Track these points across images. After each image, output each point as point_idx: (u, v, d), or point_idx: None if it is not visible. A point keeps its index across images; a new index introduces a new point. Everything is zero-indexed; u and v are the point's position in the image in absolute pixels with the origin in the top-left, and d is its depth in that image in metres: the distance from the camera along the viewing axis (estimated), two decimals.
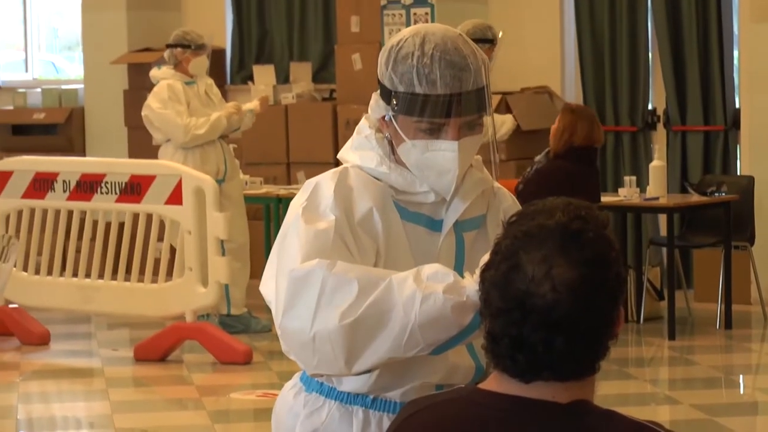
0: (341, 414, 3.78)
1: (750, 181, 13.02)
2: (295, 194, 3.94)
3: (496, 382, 2.95)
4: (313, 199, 3.71)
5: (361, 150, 3.80)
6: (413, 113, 3.67)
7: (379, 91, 3.78)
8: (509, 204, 3.91)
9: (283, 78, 15.67)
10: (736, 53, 13.91)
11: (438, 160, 3.70)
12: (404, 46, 3.67)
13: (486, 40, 12.33)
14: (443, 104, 3.64)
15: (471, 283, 3.41)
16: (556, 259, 2.81)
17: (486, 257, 3.03)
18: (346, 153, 3.84)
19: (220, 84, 14.24)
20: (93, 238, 12.09)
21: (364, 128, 3.84)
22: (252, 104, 12.89)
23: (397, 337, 3.45)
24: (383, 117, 3.76)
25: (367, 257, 3.66)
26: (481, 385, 3.01)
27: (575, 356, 2.86)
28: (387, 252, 3.72)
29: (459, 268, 3.74)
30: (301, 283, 3.54)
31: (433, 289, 3.42)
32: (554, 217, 2.86)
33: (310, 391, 3.84)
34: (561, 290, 2.79)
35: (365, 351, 3.49)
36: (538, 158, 11.40)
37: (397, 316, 3.44)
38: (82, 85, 16.62)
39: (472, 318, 3.45)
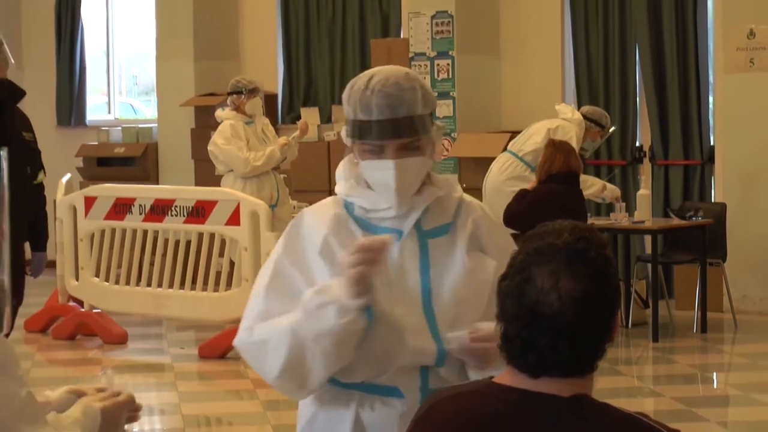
0: (341, 397, 3.77)
1: (723, 207, 12.98)
2: None
3: (509, 377, 2.96)
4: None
5: (338, 180, 3.86)
6: (357, 136, 3.73)
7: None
8: (479, 214, 3.89)
9: (326, 118, 15.64)
10: (711, 99, 13.87)
11: (381, 178, 3.72)
12: (357, 83, 3.75)
13: (599, 123, 12.36)
14: (377, 128, 3.69)
15: (340, 288, 3.50)
16: (562, 273, 2.83)
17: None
18: None
19: (273, 123, 14.20)
20: (164, 254, 12.14)
21: (345, 162, 3.87)
22: (295, 133, 12.90)
23: (322, 359, 3.58)
24: (350, 146, 3.81)
25: (335, 277, 3.64)
26: (496, 379, 2.99)
27: (577, 357, 2.88)
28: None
29: (424, 269, 3.77)
30: (242, 353, 3.86)
31: (315, 313, 3.54)
32: (562, 238, 2.88)
33: None
34: (566, 300, 2.81)
35: (309, 378, 3.65)
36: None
37: (312, 349, 3.57)
38: (156, 125, 16.62)
39: (358, 315, 3.52)
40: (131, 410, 3.15)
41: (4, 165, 2.97)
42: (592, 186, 12.19)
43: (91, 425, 3.00)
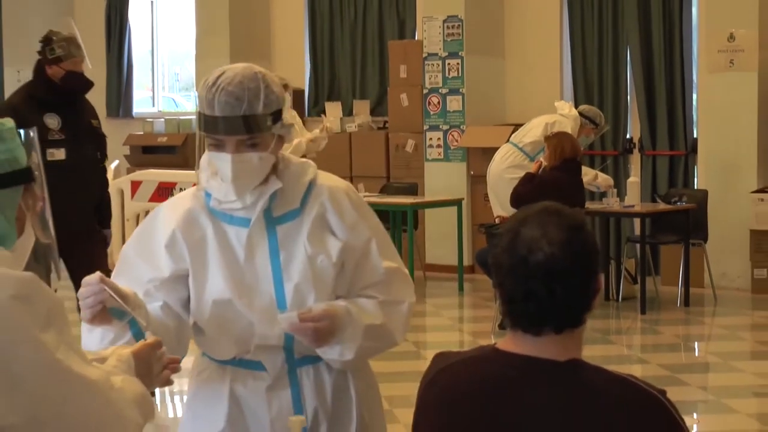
0: (217, 372, 3.77)
1: (704, 193, 12.96)
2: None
3: (512, 342, 2.95)
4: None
5: (199, 172, 3.76)
6: (202, 129, 3.66)
7: None
8: (326, 197, 3.75)
9: (347, 111, 15.64)
10: (694, 96, 13.84)
11: (222, 170, 3.64)
12: (208, 79, 3.64)
13: (593, 121, 12.35)
14: (216, 123, 3.61)
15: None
16: (547, 225, 2.87)
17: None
18: None
19: (300, 116, 14.20)
20: None
21: (206, 154, 3.78)
22: (322, 133, 12.86)
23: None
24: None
25: (176, 272, 3.66)
26: (500, 345, 2.98)
27: (569, 304, 2.88)
28: (198, 257, 3.68)
29: (274, 254, 3.69)
30: None
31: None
32: (540, 206, 2.96)
33: (202, 355, 3.87)
34: (555, 245, 2.84)
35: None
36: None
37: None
38: (195, 117, 16.60)
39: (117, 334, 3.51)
40: (170, 361, 3.17)
41: (36, 141, 2.99)
42: (585, 175, 12.15)
43: (126, 368, 3.02)
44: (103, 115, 17.48)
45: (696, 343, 11.40)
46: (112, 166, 13.77)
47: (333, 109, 15.46)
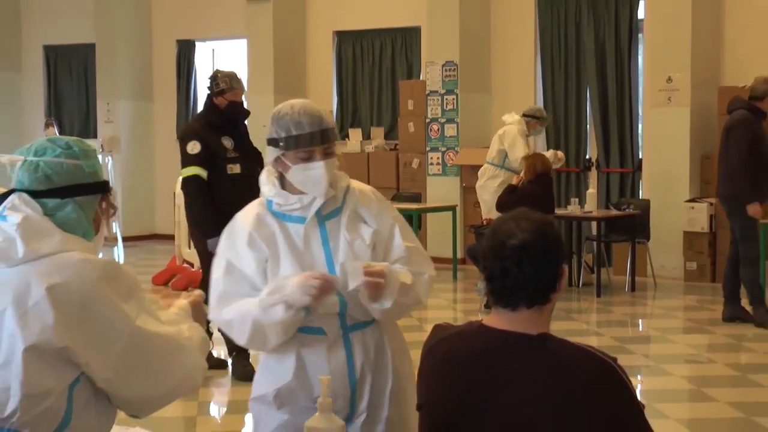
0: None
1: (647, 202, 12.99)
2: None
3: (495, 319, 2.99)
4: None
5: (262, 186, 3.89)
6: (292, 147, 3.73)
7: (268, 145, 3.83)
8: (357, 197, 3.89)
9: (366, 136, 15.66)
10: (640, 125, 13.83)
11: (314, 176, 3.74)
12: (281, 110, 3.78)
13: (534, 116, 12.42)
14: (308, 138, 3.73)
15: (290, 289, 3.59)
16: (521, 220, 2.96)
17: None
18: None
19: None
20: None
21: (265, 171, 3.91)
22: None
23: (276, 336, 3.69)
24: (275, 159, 3.81)
25: (259, 261, 3.77)
26: (485, 321, 3.02)
27: (538, 282, 2.92)
28: (272, 247, 3.77)
29: (324, 243, 3.80)
30: (217, 326, 4.03)
31: (269, 308, 3.65)
32: (517, 210, 3.06)
33: None
34: (526, 231, 2.92)
35: (268, 345, 3.76)
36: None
37: (267, 331, 3.68)
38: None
39: (299, 311, 3.61)
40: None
41: (111, 163, 3.13)
42: (546, 154, 12.40)
43: (186, 315, 3.16)
44: (173, 138, 17.56)
45: (640, 320, 11.38)
46: (180, 178, 13.73)
47: (355, 134, 15.47)
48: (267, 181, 3.86)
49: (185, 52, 17.69)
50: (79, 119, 18.52)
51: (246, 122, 8.57)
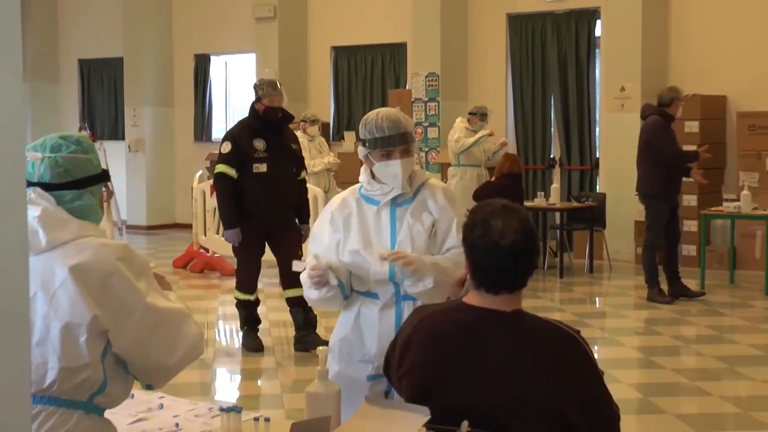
0: (355, 299, 4.03)
1: (604, 196, 13.00)
2: None
3: (475, 298, 2.99)
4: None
5: (361, 175, 4.08)
6: (376, 147, 3.95)
7: (360, 144, 4.04)
8: (429, 190, 4.04)
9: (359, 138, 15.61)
10: (597, 128, 13.84)
11: (392, 171, 3.94)
12: (369, 117, 3.99)
13: (473, 113, 12.50)
14: (388, 140, 3.93)
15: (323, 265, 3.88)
16: (509, 219, 2.94)
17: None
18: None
19: (327, 141, 14.20)
20: None
21: (363, 166, 4.09)
22: (335, 160, 12.91)
23: (329, 303, 4.03)
24: (364, 156, 4.01)
25: (332, 236, 4.00)
26: (465, 299, 3.02)
27: (522, 272, 2.95)
28: (347, 224, 4.00)
29: (392, 224, 3.98)
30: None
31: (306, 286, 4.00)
32: (501, 203, 3.02)
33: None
34: (518, 233, 2.91)
35: (331, 306, 4.10)
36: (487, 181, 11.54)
37: (320, 300, 4.02)
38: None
39: (329, 290, 3.92)
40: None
41: (105, 153, 3.18)
42: (496, 152, 12.60)
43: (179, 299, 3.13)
44: (191, 139, 17.60)
45: (597, 298, 11.40)
46: (197, 174, 13.73)
47: (350, 136, 15.42)
48: (363, 171, 4.06)
49: (201, 65, 17.68)
50: (109, 123, 18.54)
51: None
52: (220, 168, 8.01)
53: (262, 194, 7.88)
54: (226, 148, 8.01)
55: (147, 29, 17.51)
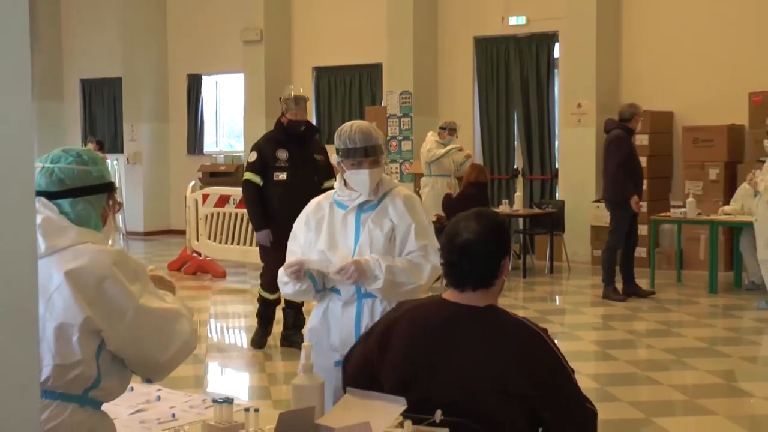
0: (324, 293, 4.11)
1: (563, 203, 13.02)
2: None
3: (450, 295, 3.03)
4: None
5: (336, 182, 4.16)
6: (348, 156, 3.99)
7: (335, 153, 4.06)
8: (391, 198, 4.06)
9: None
10: (556, 141, 13.88)
11: (361, 179, 3.99)
12: (343, 128, 4.00)
13: (443, 128, 12.47)
14: (358, 151, 3.96)
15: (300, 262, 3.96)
16: (472, 222, 2.97)
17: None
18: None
19: None
20: (246, 226, 12.03)
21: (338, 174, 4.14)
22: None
23: (303, 296, 4.11)
24: (338, 163, 4.05)
25: (306, 236, 4.09)
26: (444, 296, 3.06)
27: (481, 272, 2.96)
28: (318, 226, 4.06)
29: (357, 228, 4.02)
30: None
31: (282, 282, 4.11)
32: (476, 210, 3.08)
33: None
34: (471, 235, 2.95)
35: (304, 298, 4.31)
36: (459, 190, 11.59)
37: (296, 294, 4.12)
38: (243, 153, 16.56)
39: (303, 283, 4.01)
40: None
41: (116, 166, 3.12)
42: (462, 163, 12.54)
43: (177, 299, 3.09)
44: (184, 153, 17.54)
45: (557, 296, 11.41)
46: (190, 184, 13.69)
47: (330, 149, 15.36)
48: (338, 178, 4.11)
49: (194, 84, 17.63)
50: (109, 138, 18.45)
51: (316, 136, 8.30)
52: (247, 175, 7.96)
53: (281, 200, 7.80)
54: (252, 157, 7.94)
55: (144, 51, 17.47)
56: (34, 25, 17.64)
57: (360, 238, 3.98)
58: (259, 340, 8.20)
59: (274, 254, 8.04)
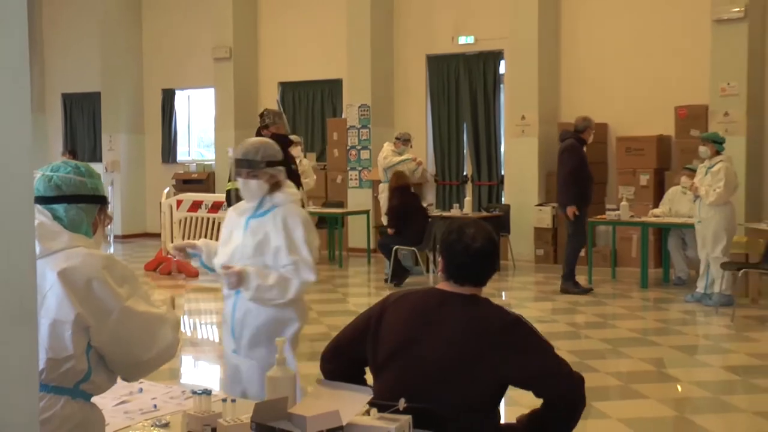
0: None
1: (508, 206, 13.07)
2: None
3: (444, 285, 3.16)
4: None
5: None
6: (235, 168, 4.12)
7: None
8: (277, 209, 4.09)
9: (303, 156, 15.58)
10: (503, 150, 13.93)
11: (243, 189, 4.09)
12: (240, 143, 4.14)
13: (398, 138, 12.47)
14: (237, 163, 4.07)
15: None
16: (478, 229, 3.14)
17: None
18: None
19: None
20: (218, 229, 11.94)
21: None
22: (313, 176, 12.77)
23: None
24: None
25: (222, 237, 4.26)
26: (438, 286, 3.19)
27: (487, 272, 3.13)
28: (227, 228, 4.23)
29: (246, 233, 4.09)
30: None
31: None
32: (470, 219, 3.35)
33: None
34: (485, 240, 3.11)
35: None
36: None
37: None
38: (214, 162, 16.48)
39: (194, 260, 4.27)
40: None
41: (112, 185, 3.13)
42: (414, 171, 12.56)
43: (167, 306, 3.12)
44: (159, 162, 17.42)
45: (503, 292, 11.43)
46: (165, 191, 13.60)
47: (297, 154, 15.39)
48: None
49: (168, 98, 17.52)
50: (89, 148, 18.32)
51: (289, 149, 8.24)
52: (230, 185, 7.94)
53: None
54: None
55: (121, 67, 17.33)
56: None
57: (243, 243, 4.08)
58: None
59: None
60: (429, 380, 2.97)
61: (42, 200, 2.79)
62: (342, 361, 3.27)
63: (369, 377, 3.35)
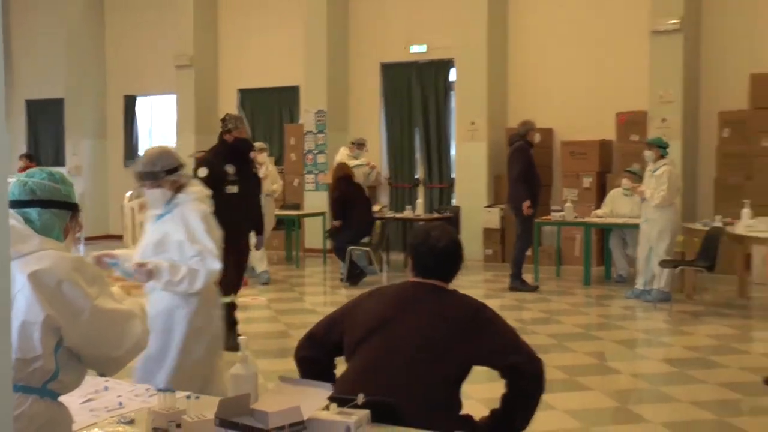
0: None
1: (458, 208, 13.14)
2: None
3: (414, 278, 3.33)
4: None
5: None
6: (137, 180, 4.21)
7: None
8: (178, 209, 4.20)
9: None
10: (453, 154, 14.00)
11: (149, 200, 4.20)
12: (140, 155, 4.36)
13: (353, 143, 12.45)
14: (139, 176, 4.16)
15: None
16: (443, 232, 3.35)
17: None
18: None
19: None
20: None
21: None
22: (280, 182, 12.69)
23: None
24: None
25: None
26: (411, 279, 3.32)
27: (450, 268, 3.31)
28: (144, 230, 4.35)
29: (153, 233, 4.22)
30: None
31: None
32: (438, 224, 3.44)
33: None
34: (448, 241, 3.31)
35: None
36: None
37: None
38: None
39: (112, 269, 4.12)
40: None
41: (82, 194, 3.13)
42: (368, 174, 12.43)
43: (132, 299, 3.08)
44: (121, 166, 17.25)
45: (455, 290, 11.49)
46: (127, 194, 13.44)
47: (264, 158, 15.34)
48: None
49: (130, 104, 17.38)
50: (53, 152, 18.09)
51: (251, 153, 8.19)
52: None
53: (235, 211, 7.64)
54: (203, 172, 7.68)
55: (84, 75, 17.17)
56: None
57: (149, 241, 4.21)
58: (231, 344, 8.02)
59: (225, 260, 7.92)
60: (401, 358, 3.09)
61: (16, 204, 2.78)
62: (315, 348, 3.35)
63: (338, 371, 3.35)
